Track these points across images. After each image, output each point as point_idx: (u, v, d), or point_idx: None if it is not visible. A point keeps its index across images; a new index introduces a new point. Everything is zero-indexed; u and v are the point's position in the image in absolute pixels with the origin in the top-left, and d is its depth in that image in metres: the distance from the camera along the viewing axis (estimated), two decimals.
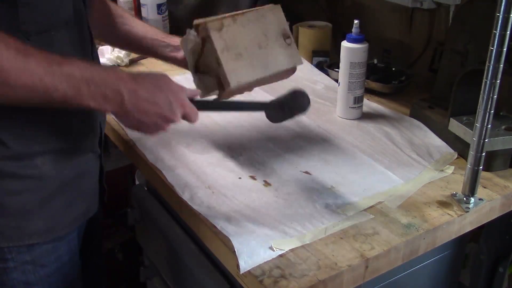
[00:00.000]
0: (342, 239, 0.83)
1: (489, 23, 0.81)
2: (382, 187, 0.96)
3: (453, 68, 1.18)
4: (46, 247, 0.92)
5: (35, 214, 0.88)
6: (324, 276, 0.76)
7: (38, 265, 0.92)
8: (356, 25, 1.17)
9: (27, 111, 0.82)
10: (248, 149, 1.09)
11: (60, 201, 0.91)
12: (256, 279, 0.75)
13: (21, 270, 0.91)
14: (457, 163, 1.04)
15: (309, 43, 1.53)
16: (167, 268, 1.16)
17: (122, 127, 1.18)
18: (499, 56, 0.81)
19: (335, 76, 1.41)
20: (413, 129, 1.17)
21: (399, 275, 0.94)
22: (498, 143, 0.99)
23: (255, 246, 0.79)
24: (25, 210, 0.87)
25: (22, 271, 0.91)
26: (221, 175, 1.00)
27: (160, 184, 1.01)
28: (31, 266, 0.92)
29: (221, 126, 1.19)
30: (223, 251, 0.83)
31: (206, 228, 0.87)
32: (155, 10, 1.70)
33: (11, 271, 0.90)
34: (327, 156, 1.07)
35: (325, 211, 0.89)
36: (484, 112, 0.84)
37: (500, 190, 0.96)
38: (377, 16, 1.55)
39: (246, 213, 0.88)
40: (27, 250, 0.90)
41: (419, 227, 0.86)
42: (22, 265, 0.91)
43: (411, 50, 1.49)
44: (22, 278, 0.92)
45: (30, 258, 0.91)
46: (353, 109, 1.23)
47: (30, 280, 0.92)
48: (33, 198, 0.88)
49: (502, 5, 0.78)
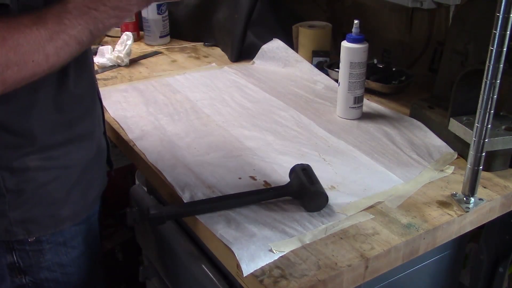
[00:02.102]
0: (342, 239, 0.83)
1: (489, 23, 0.81)
2: (382, 187, 0.96)
3: (453, 68, 1.18)
4: (74, 229, 0.96)
5: (64, 201, 0.92)
6: (324, 276, 0.76)
7: (70, 247, 0.96)
8: (356, 25, 1.17)
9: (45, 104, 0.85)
10: (248, 149, 1.09)
11: (84, 184, 0.95)
12: (256, 279, 0.75)
13: (55, 252, 0.94)
14: (457, 163, 1.04)
15: (309, 43, 1.53)
16: (166, 268, 1.16)
17: (124, 129, 1.18)
18: (499, 56, 0.81)
19: (335, 76, 1.41)
20: (413, 129, 1.17)
21: (399, 275, 0.94)
22: (498, 143, 0.99)
23: (256, 250, 0.79)
24: (56, 199, 0.91)
25: (56, 252, 0.95)
26: (221, 175, 1.00)
27: (160, 184, 1.01)
28: (64, 248, 0.95)
29: (221, 126, 1.19)
30: (223, 251, 0.83)
31: (206, 228, 0.86)
32: (155, 10, 1.70)
33: (46, 252, 0.93)
34: (327, 156, 1.07)
35: (325, 211, 0.89)
36: (484, 112, 0.84)
37: (500, 190, 0.96)
38: (377, 16, 1.55)
39: (246, 214, 0.88)
40: (60, 231, 0.94)
41: (419, 227, 0.86)
42: (56, 246, 0.94)
43: (411, 50, 1.49)
44: (56, 259, 0.95)
45: (62, 239, 0.95)
46: (353, 109, 1.23)
47: (63, 261, 0.96)
48: (62, 186, 0.91)
49: (502, 5, 0.78)
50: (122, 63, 1.55)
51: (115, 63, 1.54)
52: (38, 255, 0.93)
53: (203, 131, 1.17)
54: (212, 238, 0.86)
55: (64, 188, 0.92)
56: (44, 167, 0.89)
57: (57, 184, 0.91)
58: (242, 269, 0.76)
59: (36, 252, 0.93)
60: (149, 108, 1.28)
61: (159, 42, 1.74)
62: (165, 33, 1.74)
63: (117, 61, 1.54)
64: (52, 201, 0.91)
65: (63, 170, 0.91)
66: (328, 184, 0.97)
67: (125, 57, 1.54)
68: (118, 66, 1.55)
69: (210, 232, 0.85)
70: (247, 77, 1.48)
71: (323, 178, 0.99)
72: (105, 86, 1.41)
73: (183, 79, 1.46)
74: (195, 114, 1.25)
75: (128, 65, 1.56)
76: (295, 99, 1.35)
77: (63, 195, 0.92)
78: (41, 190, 0.89)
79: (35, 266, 0.93)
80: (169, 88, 1.40)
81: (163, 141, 1.12)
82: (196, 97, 1.34)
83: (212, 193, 0.94)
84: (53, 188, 0.91)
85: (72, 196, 0.93)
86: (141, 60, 1.61)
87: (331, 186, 0.97)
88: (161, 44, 1.74)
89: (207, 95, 1.36)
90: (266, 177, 0.99)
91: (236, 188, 0.95)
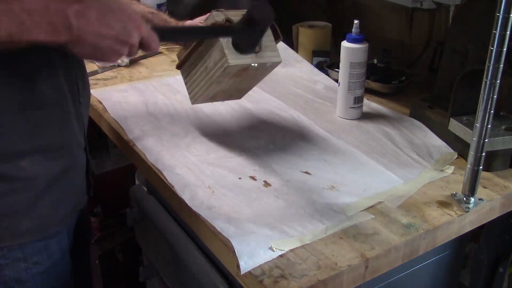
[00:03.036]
0: (342, 239, 0.83)
1: (489, 23, 0.81)
2: (382, 187, 0.96)
3: (453, 68, 1.18)
4: (38, 244, 0.92)
5: (24, 214, 0.89)
6: (324, 276, 0.76)
7: (31, 263, 0.93)
8: (356, 25, 1.17)
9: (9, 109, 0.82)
10: (248, 149, 1.09)
11: (49, 199, 0.91)
12: (256, 279, 0.75)
13: (13, 267, 0.91)
14: (457, 163, 1.04)
15: (309, 43, 1.53)
16: (167, 268, 1.16)
17: (124, 129, 1.18)
18: (499, 56, 0.81)
19: (335, 76, 1.41)
20: (413, 129, 1.17)
21: (399, 275, 0.94)
22: (498, 143, 0.99)
23: (255, 247, 0.79)
24: (13, 211, 0.88)
25: (14, 268, 0.91)
26: (221, 175, 1.00)
27: (160, 184, 1.01)
28: (24, 264, 0.92)
29: (221, 126, 1.19)
30: (223, 251, 0.83)
31: (206, 228, 0.87)
32: None
33: (3, 267, 0.90)
34: (327, 156, 1.07)
35: (325, 211, 0.89)
36: (484, 112, 0.84)
37: (500, 190, 0.96)
38: (377, 16, 1.55)
39: (246, 213, 0.88)
40: (18, 247, 0.90)
41: (419, 227, 0.86)
42: (14, 262, 0.91)
43: (411, 50, 1.49)
44: (14, 275, 0.92)
45: (22, 255, 0.91)
46: (353, 109, 1.23)
47: (22, 277, 0.93)
48: (21, 199, 0.88)
49: (502, 5, 0.78)
50: (122, 63, 1.55)
51: (115, 63, 1.54)
52: None
53: (203, 131, 1.17)
54: (212, 238, 0.86)
55: (24, 200, 0.88)
56: (4, 176, 0.85)
57: (16, 196, 0.87)
58: (240, 266, 0.76)
59: None
60: (149, 108, 1.28)
61: None
62: None
63: (117, 61, 1.54)
64: (9, 213, 0.87)
65: (25, 182, 0.87)
66: (328, 184, 0.97)
67: (125, 57, 1.54)
68: (118, 66, 1.55)
69: (211, 232, 0.85)
70: None
71: (323, 178, 0.99)
72: (105, 86, 1.41)
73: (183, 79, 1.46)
74: (195, 114, 1.25)
75: (128, 65, 1.56)
76: (295, 99, 1.35)
77: (24, 207, 0.88)
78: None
79: None
80: (169, 88, 1.39)
81: (163, 141, 1.12)
82: None
83: (212, 193, 0.94)
84: (12, 200, 0.87)
85: (35, 210, 0.89)
86: (141, 60, 1.61)
87: (331, 186, 0.97)
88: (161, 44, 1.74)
89: None
90: (266, 177, 0.99)
91: (236, 188, 0.96)
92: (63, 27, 0.72)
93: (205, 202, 0.91)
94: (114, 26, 0.76)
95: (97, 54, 0.78)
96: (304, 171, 1.02)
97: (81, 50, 0.76)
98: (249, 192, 0.95)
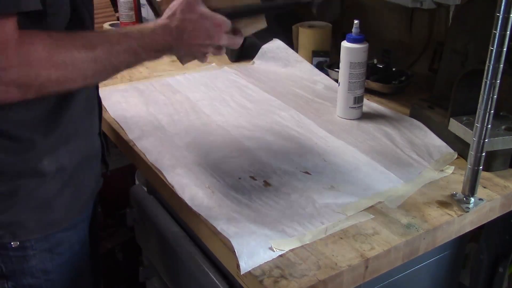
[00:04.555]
0: (342, 239, 0.83)
1: (489, 23, 0.81)
2: (382, 187, 0.96)
3: (453, 68, 1.18)
4: (61, 235, 0.95)
5: (52, 205, 0.91)
6: (324, 276, 0.76)
7: (55, 254, 0.95)
8: (356, 25, 1.17)
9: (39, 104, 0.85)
10: (248, 149, 1.09)
11: (72, 187, 0.94)
12: (256, 279, 0.75)
13: (39, 258, 0.93)
14: (457, 163, 1.04)
15: (309, 43, 1.53)
16: (166, 268, 1.16)
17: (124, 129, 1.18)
18: (499, 56, 0.81)
19: (335, 76, 1.41)
20: (413, 129, 1.17)
21: (399, 275, 0.94)
22: (498, 143, 0.99)
23: (255, 247, 0.79)
24: (44, 203, 0.90)
25: (40, 258, 0.93)
26: (221, 175, 1.00)
27: (160, 184, 1.01)
28: (49, 255, 0.94)
29: (221, 126, 1.19)
30: (223, 251, 0.83)
31: (206, 228, 0.87)
32: None
33: (31, 258, 0.92)
34: (327, 156, 1.07)
35: (325, 211, 0.89)
36: (484, 112, 0.84)
37: (500, 190, 0.96)
38: (377, 16, 1.55)
39: (246, 213, 0.88)
40: (45, 237, 0.92)
41: (419, 227, 0.86)
42: (41, 252, 0.93)
43: (411, 50, 1.49)
44: (41, 266, 0.94)
45: (48, 245, 0.93)
46: (353, 109, 1.23)
47: (48, 268, 0.95)
48: (50, 190, 0.90)
49: (502, 5, 0.78)
50: None
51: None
52: (22, 261, 0.92)
53: (203, 131, 1.17)
54: (212, 238, 0.86)
55: (52, 191, 0.91)
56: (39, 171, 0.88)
57: (47, 188, 0.90)
58: (240, 266, 0.76)
59: (19, 258, 0.91)
60: (149, 108, 1.28)
61: None
62: None
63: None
64: (40, 205, 0.90)
65: (55, 174, 0.90)
66: (328, 184, 0.97)
67: None
68: None
69: (211, 232, 0.85)
70: (247, 77, 1.48)
71: (323, 178, 0.99)
72: (105, 86, 1.41)
73: (183, 79, 1.46)
74: (195, 114, 1.25)
75: None
76: (295, 99, 1.35)
77: (52, 198, 0.91)
78: (31, 193, 0.88)
79: (18, 271, 0.92)
80: (169, 88, 1.39)
81: (163, 141, 1.12)
82: (196, 97, 1.34)
83: (212, 193, 0.94)
84: (43, 192, 0.89)
85: (61, 199, 0.92)
86: None
87: (331, 186, 0.97)
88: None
89: (207, 95, 1.36)
90: (266, 177, 0.99)
91: (236, 188, 0.96)
92: (166, 50, 0.88)
93: (205, 202, 0.91)
94: (200, 35, 0.87)
95: (189, 58, 0.92)
96: (304, 171, 1.02)
97: (176, 54, 0.91)
98: (249, 192, 0.95)
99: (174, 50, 0.89)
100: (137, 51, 0.84)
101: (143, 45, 0.84)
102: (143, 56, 0.86)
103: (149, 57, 0.87)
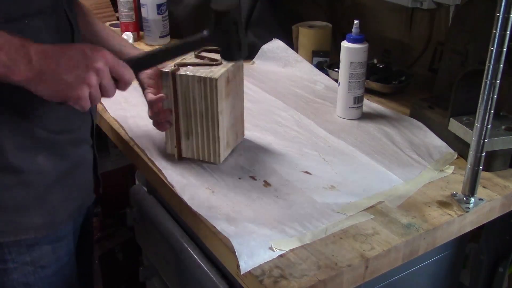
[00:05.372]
0: (342, 239, 0.83)
1: (489, 23, 0.81)
2: (382, 187, 0.96)
3: (453, 68, 1.18)
4: (46, 248, 0.92)
5: (31, 209, 0.88)
6: (324, 276, 0.76)
7: (38, 266, 0.93)
8: (356, 25, 1.17)
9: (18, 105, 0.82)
10: (248, 149, 1.09)
11: (57, 194, 0.91)
12: (256, 279, 0.75)
13: (21, 271, 0.91)
14: (457, 163, 1.04)
15: (309, 43, 1.53)
16: (166, 268, 1.16)
17: (124, 128, 1.18)
18: (499, 56, 0.81)
19: (335, 76, 1.41)
20: (413, 129, 1.17)
21: (399, 275, 0.94)
22: (498, 143, 0.99)
23: (255, 247, 0.79)
24: (20, 205, 0.87)
25: (22, 272, 0.91)
26: (221, 175, 1.00)
27: (160, 184, 1.01)
28: (31, 267, 0.92)
29: None
30: (223, 251, 0.83)
31: (206, 228, 0.87)
32: (155, 10, 1.70)
33: (11, 272, 0.90)
34: (327, 156, 1.07)
35: (325, 211, 0.89)
36: (484, 112, 0.84)
37: (500, 190, 0.96)
38: (377, 16, 1.55)
39: (246, 213, 0.88)
40: (27, 251, 0.90)
41: (419, 227, 0.86)
42: (22, 266, 0.91)
43: (411, 50, 1.49)
44: (22, 279, 0.92)
45: (30, 259, 0.91)
46: (353, 109, 1.23)
47: (30, 281, 0.93)
48: (29, 193, 0.88)
49: (502, 5, 0.78)
50: None
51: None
52: (2, 274, 0.90)
53: None
54: (212, 237, 0.86)
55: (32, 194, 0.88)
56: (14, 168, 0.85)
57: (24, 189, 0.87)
58: (240, 266, 0.76)
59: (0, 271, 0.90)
60: None
61: (159, 42, 1.73)
62: (165, 33, 1.74)
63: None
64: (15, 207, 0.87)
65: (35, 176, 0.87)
66: (328, 184, 0.97)
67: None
68: None
69: (210, 232, 0.85)
70: (247, 77, 1.48)
71: (323, 178, 0.99)
72: None
73: None
74: None
75: None
76: (295, 99, 1.35)
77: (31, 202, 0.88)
78: (3, 193, 0.86)
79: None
80: None
81: (163, 141, 1.12)
82: None
83: (212, 193, 0.94)
84: (19, 194, 0.87)
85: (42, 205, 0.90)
86: None
87: (331, 186, 0.97)
88: (161, 44, 1.74)
89: None
90: (266, 177, 0.99)
91: (236, 188, 0.96)
92: (22, 62, 0.72)
93: (205, 202, 0.91)
94: (74, 55, 0.75)
95: (61, 89, 0.76)
96: (304, 171, 1.02)
97: (44, 88, 0.75)
98: (249, 192, 0.95)
99: (34, 69, 0.73)
100: None
101: None
102: None
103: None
